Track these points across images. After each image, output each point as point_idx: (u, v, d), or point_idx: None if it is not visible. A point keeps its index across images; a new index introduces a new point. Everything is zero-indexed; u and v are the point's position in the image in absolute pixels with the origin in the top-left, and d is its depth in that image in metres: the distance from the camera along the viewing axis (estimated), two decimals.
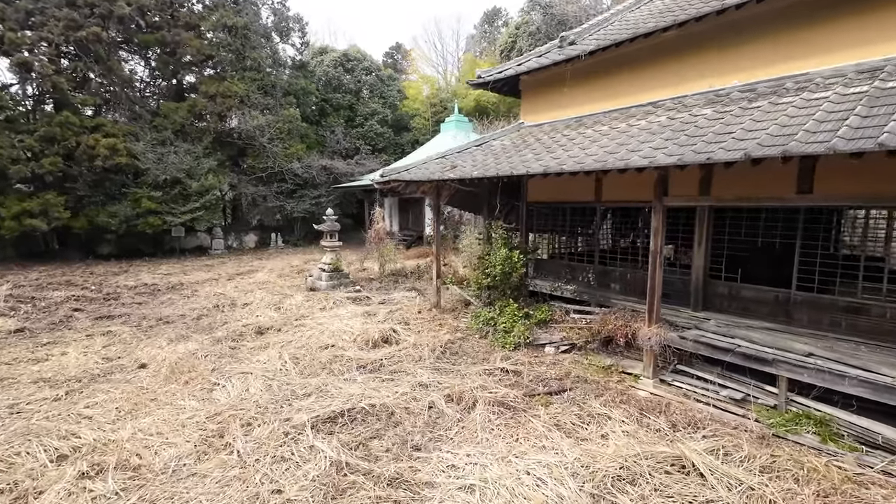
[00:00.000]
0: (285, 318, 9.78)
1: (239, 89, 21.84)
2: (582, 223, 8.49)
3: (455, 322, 9.03)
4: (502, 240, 8.01)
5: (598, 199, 7.88)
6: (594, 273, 8.11)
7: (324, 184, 24.49)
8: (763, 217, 6.34)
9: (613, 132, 6.30)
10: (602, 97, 7.72)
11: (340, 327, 8.80)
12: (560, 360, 6.81)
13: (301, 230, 25.33)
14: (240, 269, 16.92)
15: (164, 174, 18.70)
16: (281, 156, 22.83)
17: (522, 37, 30.16)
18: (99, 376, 6.71)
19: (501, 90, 9.53)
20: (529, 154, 6.93)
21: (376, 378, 6.43)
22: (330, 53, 29.76)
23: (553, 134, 7.61)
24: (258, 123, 21.58)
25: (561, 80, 8.32)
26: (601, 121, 7.21)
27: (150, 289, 13.24)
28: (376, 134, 28.23)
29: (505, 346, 7.37)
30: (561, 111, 8.42)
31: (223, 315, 10.31)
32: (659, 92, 6.92)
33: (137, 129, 19.16)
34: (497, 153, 7.87)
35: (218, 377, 6.50)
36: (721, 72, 6.18)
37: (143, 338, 8.59)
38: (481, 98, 28.17)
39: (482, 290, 8.58)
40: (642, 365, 6.07)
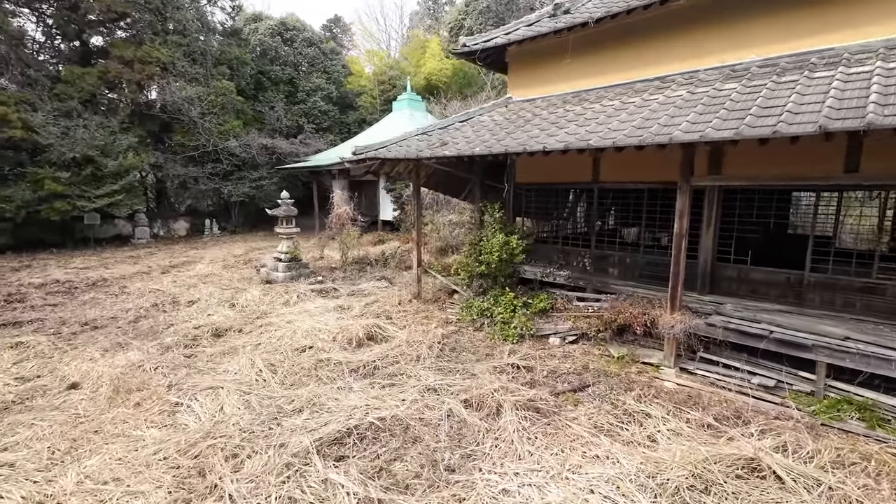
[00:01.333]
0: (245, 317, 8.55)
1: (161, 55, 19.08)
2: (576, 205, 8.10)
3: (442, 314, 8.35)
4: (498, 224, 7.40)
5: (596, 180, 7.50)
6: (590, 258, 7.78)
7: (265, 164, 22.38)
8: (775, 198, 6.26)
9: (630, 107, 5.86)
10: (600, 71, 7.27)
11: (314, 325, 7.79)
12: (570, 352, 6.40)
13: (239, 216, 23.12)
14: (174, 261, 14.92)
15: (72, 151, 15.93)
16: (215, 133, 20.44)
17: (472, 14, 29.30)
18: (14, 404, 5.27)
19: (486, 62, 8.80)
20: (535, 130, 6.33)
21: (375, 384, 5.62)
22: (265, 21, 27.02)
23: (552, 109, 7.06)
24: (186, 95, 19.06)
25: (554, 52, 7.76)
26: (606, 96, 6.77)
27: (65, 286, 11.16)
28: (321, 112, 26.27)
29: (507, 338, 6.84)
30: (553, 86, 7.88)
31: (166, 316, 8.82)
32: (665, 66, 6.59)
33: (35, 98, 16.10)
34: (491, 129, 7.19)
35: (179, 395, 5.35)
36: (735, 46, 5.93)
37: (66, 349, 7.03)
38: (432, 76, 27.13)
39: (473, 279, 7.96)
40: (661, 354, 5.80)
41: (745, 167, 5.60)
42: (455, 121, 8.41)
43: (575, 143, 5.25)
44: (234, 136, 21.18)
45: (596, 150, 5.07)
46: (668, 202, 6.87)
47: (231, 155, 21.22)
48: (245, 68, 23.42)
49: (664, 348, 5.68)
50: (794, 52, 5.46)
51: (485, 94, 22.29)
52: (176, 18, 20.10)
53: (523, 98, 8.24)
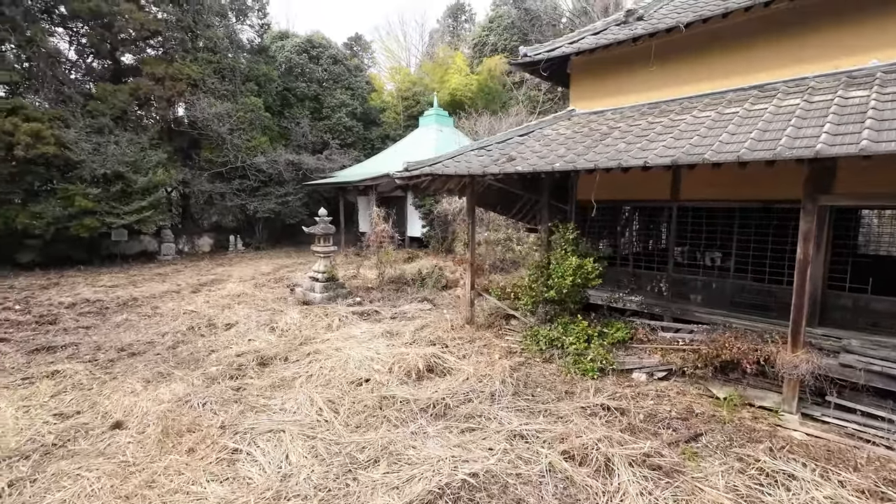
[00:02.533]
0: (288, 343, 8.00)
1: (192, 72, 19.09)
2: (650, 225, 7.47)
3: (501, 342, 7.71)
4: (570, 245, 6.79)
5: (675, 198, 6.88)
6: (667, 282, 7.11)
7: (291, 180, 22.15)
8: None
9: (734, 118, 5.27)
10: (682, 80, 6.72)
11: (365, 354, 7.19)
12: (663, 391, 5.70)
13: (263, 232, 22.82)
14: (202, 279, 14.53)
15: (103, 167, 15.79)
16: (243, 149, 20.29)
17: (496, 31, 29.27)
18: (56, 447, 4.73)
19: (544, 73, 8.30)
20: (620, 143, 5.76)
21: (451, 428, 4.98)
22: (291, 39, 27.20)
23: (631, 122, 6.50)
24: (216, 111, 18.97)
25: (626, 61, 7.24)
26: (694, 106, 6.19)
27: (96, 307, 10.76)
28: (345, 127, 26.12)
29: (585, 373, 6.17)
30: (624, 97, 7.34)
31: (205, 340, 8.31)
32: (762, 74, 6.02)
33: (67, 114, 16.06)
34: (563, 143, 6.64)
35: (236, 439, 4.76)
36: (853, 49, 5.33)
37: (104, 378, 6.52)
38: (457, 91, 26.93)
39: (538, 305, 7.33)
40: (777, 396, 5.09)
41: (875, 184, 4.94)
42: (514, 135, 7.89)
43: (684, 157, 4.66)
44: (262, 152, 21.03)
45: (713, 164, 4.47)
46: (764, 222, 6.22)
47: (258, 171, 21.04)
48: (272, 85, 23.43)
49: (783, 391, 4.97)
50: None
51: (515, 110, 21.95)
52: (206, 36, 20.17)
53: (589, 110, 7.70)
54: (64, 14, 17.84)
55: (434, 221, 18.57)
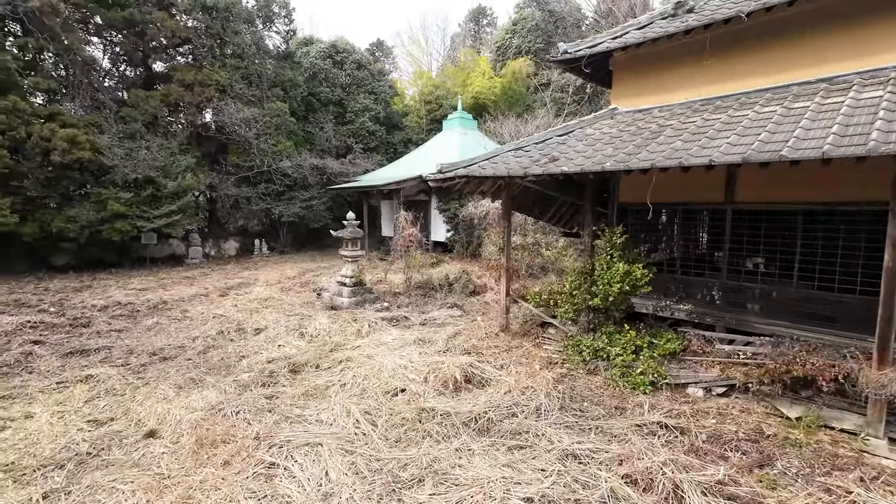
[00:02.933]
0: (318, 349, 7.80)
1: (220, 77, 19.36)
2: (699, 229, 7.03)
3: (539, 351, 7.35)
4: (618, 250, 6.41)
5: (730, 200, 6.44)
6: (720, 289, 6.65)
7: (315, 185, 22.22)
8: None
9: (807, 112, 4.84)
10: (739, 74, 6.29)
11: (398, 362, 6.93)
12: (725, 409, 5.26)
13: (288, 236, 22.92)
14: (229, 282, 14.56)
15: (135, 172, 16.05)
16: (269, 153, 20.43)
17: (520, 33, 28.96)
18: (90, 456, 4.59)
19: (586, 70, 7.96)
20: (676, 142, 5.38)
21: (498, 445, 4.66)
22: (316, 44, 27.43)
23: (683, 119, 6.10)
24: (243, 116, 19.16)
25: (674, 57, 6.86)
26: (755, 101, 5.77)
27: (128, 310, 10.80)
28: (368, 132, 26.14)
29: (636, 387, 5.77)
30: (671, 94, 6.95)
31: (235, 345, 8.18)
32: (829, 66, 5.56)
33: (101, 120, 16.40)
34: (609, 142, 6.29)
35: (272, 452, 4.54)
36: None
37: (137, 384, 6.42)
38: (480, 95, 26.68)
39: (580, 313, 6.95)
40: (859, 418, 4.61)
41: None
42: (553, 135, 7.56)
43: (755, 155, 4.27)
44: (287, 157, 21.15)
45: (791, 162, 4.07)
46: (832, 225, 5.74)
47: (283, 175, 21.16)
48: (297, 90, 23.60)
49: (867, 412, 4.50)
50: None
51: (542, 112, 21.59)
52: (234, 42, 20.43)
53: (634, 108, 7.32)
54: (99, 24, 18.30)
55: (459, 226, 18.30)
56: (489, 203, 16.24)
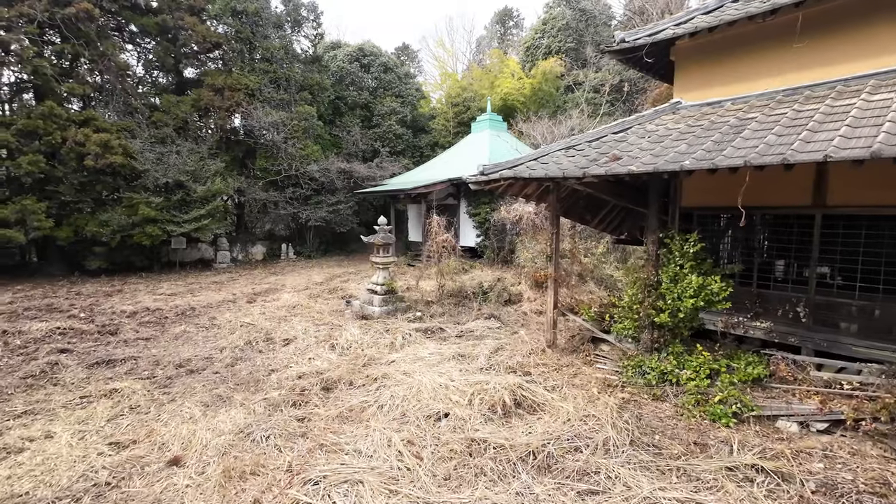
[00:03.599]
0: (351, 363, 7.29)
1: (249, 82, 19.35)
2: (778, 235, 6.21)
3: (593, 371, 6.65)
4: (691, 261, 5.68)
5: (820, 203, 5.63)
6: (807, 305, 5.82)
7: (342, 189, 21.97)
8: None
9: None
10: (828, 60, 5.50)
11: (437, 380, 6.34)
12: (830, 449, 4.46)
13: (314, 240, 22.73)
14: (256, 288, 14.30)
15: (165, 177, 16.06)
16: (297, 157, 20.28)
17: (550, 33, 28.22)
18: (108, 486, 4.15)
19: (643, 61, 7.26)
20: (769, 136, 4.64)
21: (566, 489, 4.00)
22: (343, 48, 27.36)
23: (768, 111, 5.35)
24: (272, 120, 19.05)
25: (749, 42, 6.10)
26: (857, 89, 4.97)
27: (156, 316, 10.58)
28: (395, 135, 25.82)
29: (716, 418, 5.01)
30: (747, 83, 6.18)
31: (263, 357, 7.76)
32: None
33: (134, 125, 16.50)
34: (680, 139, 5.58)
35: (307, 490, 4.00)
36: None
37: (163, 400, 6.03)
38: (509, 96, 26.04)
39: (642, 330, 6.22)
40: None
41: None
42: (608, 132, 6.88)
43: (887, 150, 3.51)
44: (314, 161, 20.96)
45: None
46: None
47: (310, 179, 20.98)
48: (324, 94, 23.49)
49: None
50: None
51: (576, 113, 20.81)
52: (264, 47, 20.42)
53: (701, 102, 6.57)
54: (133, 31, 18.54)
55: (489, 231, 17.66)
56: (523, 207, 15.54)
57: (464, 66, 40.75)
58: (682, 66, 6.87)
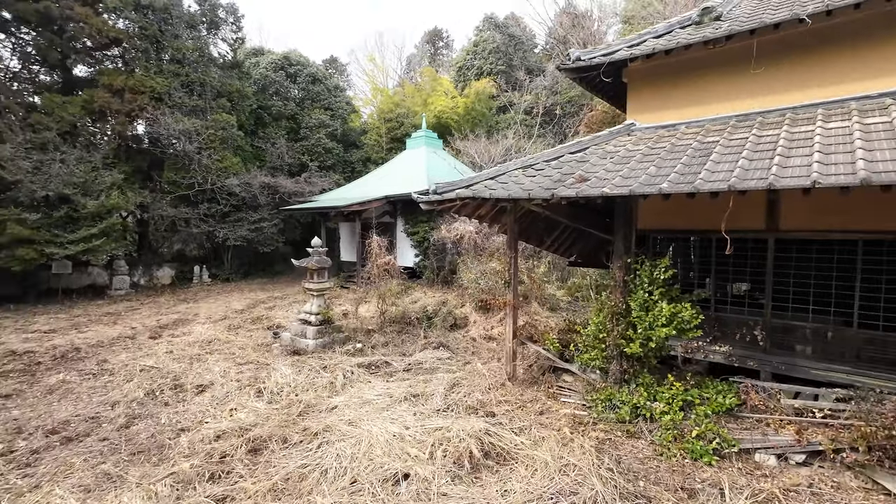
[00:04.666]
0: (284, 414, 6.16)
1: (156, 84, 17.17)
2: (737, 260, 6.23)
3: (560, 406, 6.16)
4: (661, 287, 5.43)
5: (773, 228, 5.70)
6: (764, 329, 5.84)
7: (266, 205, 20.17)
8: None
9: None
10: (777, 88, 5.64)
11: (390, 429, 5.49)
12: (815, 484, 4.28)
13: (233, 261, 20.56)
14: (162, 319, 12.32)
15: (45, 189, 13.48)
16: (213, 170, 18.27)
17: (481, 55, 28.78)
18: None
19: (592, 81, 7.14)
20: (741, 160, 4.51)
21: None
22: (267, 55, 25.63)
23: (727, 135, 5.32)
24: (184, 128, 17.00)
25: (702, 67, 6.16)
26: (809, 117, 5.07)
27: (24, 362, 8.49)
28: (325, 149, 24.47)
29: (697, 456, 4.70)
30: (700, 108, 6.23)
31: (170, 412, 6.34)
32: (877, 82, 5.00)
33: (3, 127, 13.74)
34: (645, 160, 5.37)
35: None
36: None
37: (22, 488, 4.51)
38: (443, 114, 25.94)
39: (610, 360, 5.87)
40: None
41: None
42: (564, 152, 6.60)
43: (877, 178, 3.41)
44: (234, 174, 19.04)
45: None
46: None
47: (229, 194, 18.98)
48: (246, 102, 21.64)
49: None
50: None
51: (512, 132, 21.09)
52: (174, 47, 18.33)
53: (655, 124, 6.52)
54: (6, 18, 15.67)
55: (428, 250, 17.05)
56: (464, 227, 15.16)
57: (395, 82, 40.35)
58: (635, 88, 6.82)
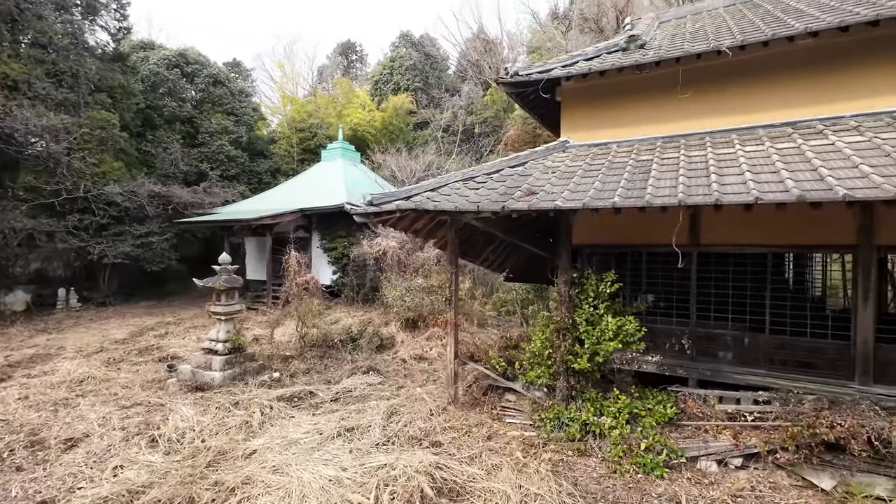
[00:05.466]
0: (187, 467, 5.08)
1: (12, 70, 14.27)
2: (663, 272, 6.56)
3: (506, 428, 5.89)
4: (606, 301, 5.46)
5: (695, 243, 6.10)
6: (691, 338, 6.18)
7: (156, 217, 17.66)
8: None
9: (809, 153, 4.59)
10: (694, 114, 6.11)
11: (324, 474, 4.80)
12: (756, 487, 4.47)
13: (111, 282, 17.60)
14: (13, 355, 9.96)
15: None
16: (88, 175, 15.55)
17: (398, 70, 28.73)
18: None
19: (527, 97, 7.21)
20: (681, 178, 4.72)
21: None
22: (159, 50, 22.84)
23: (659, 154, 5.62)
24: (49, 123, 14.25)
25: (631, 91, 6.51)
26: (725, 141, 5.53)
27: None
28: (228, 157, 22.29)
29: (649, 470, 4.71)
30: (628, 129, 6.55)
31: (23, 480, 4.90)
32: (779, 112, 5.65)
33: None
34: (588, 176, 5.44)
35: None
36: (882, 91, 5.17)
37: None
38: (359, 127, 25.25)
39: (557, 377, 5.75)
40: (891, 483, 4.21)
41: None
42: (504, 166, 6.52)
43: (812, 194, 3.69)
44: (114, 181, 16.40)
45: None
46: (801, 269, 5.68)
47: (108, 204, 16.27)
48: (131, 100, 18.96)
49: None
50: None
51: (432, 148, 21.13)
52: (37, 29, 15.47)
53: (588, 142, 6.73)
54: None
55: (348, 267, 16.16)
56: (386, 242, 14.61)
57: (305, 91, 38.68)
58: (568, 107, 7.01)
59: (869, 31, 5.20)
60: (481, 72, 29.32)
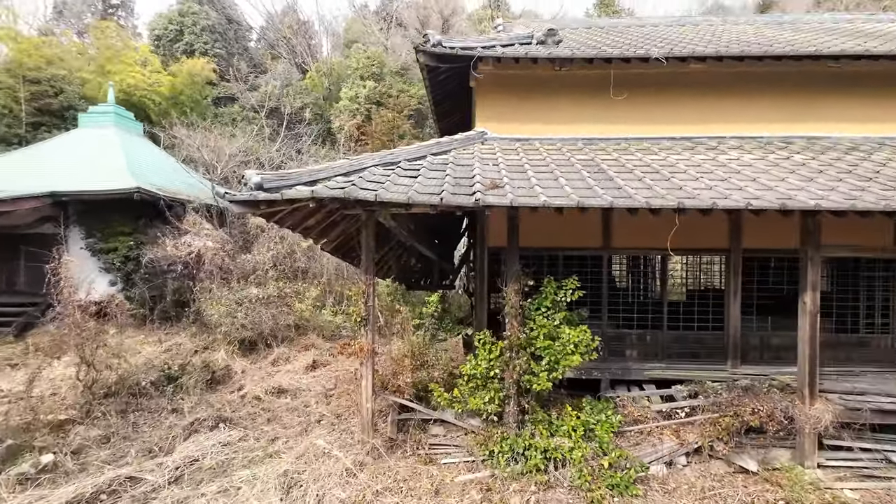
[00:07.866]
0: None
1: None
2: (580, 275, 6.47)
3: (448, 472, 4.79)
4: (562, 312, 4.90)
5: (607, 246, 6.23)
6: (603, 339, 6.27)
7: None
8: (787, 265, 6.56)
9: (754, 163, 5.04)
10: (613, 119, 6.22)
11: None
12: (708, 487, 4.60)
13: None
14: None
15: None
16: None
17: (192, 29, 23.18)
18: None
19: (438, 77, 6.20)
20: (645, 179, 4.56)
21: None
22: None
23: (585, 152, 5.50)
24: None
25: (548, 86, 6.23)
26: (668, 147, 5.78)
27: None
28: None
29: (622, 490, 4.40)
30: (551, 126, 6.26)
31: None
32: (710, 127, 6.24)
33: None
34: (541, 170, 4.86)
35: None
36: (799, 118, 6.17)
37: None
38: (136, 91, 19.26)
39: (507, 402, 4.93)
40: (787, 453, 4.93)
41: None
42: (426, 153, 5.42)
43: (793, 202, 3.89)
44: None
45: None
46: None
47: None
48: None
49: (803, 446, 4.82)
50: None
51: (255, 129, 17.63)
52: None
53: (509, 136, 6.15)
54: None
55: (134, 275, 11.91)
56: (200, 242, 11.34)
57: (33, 30, 27.82)
58: (485, 95, 6.32)
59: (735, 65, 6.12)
60: (295, 53, 26.33)
